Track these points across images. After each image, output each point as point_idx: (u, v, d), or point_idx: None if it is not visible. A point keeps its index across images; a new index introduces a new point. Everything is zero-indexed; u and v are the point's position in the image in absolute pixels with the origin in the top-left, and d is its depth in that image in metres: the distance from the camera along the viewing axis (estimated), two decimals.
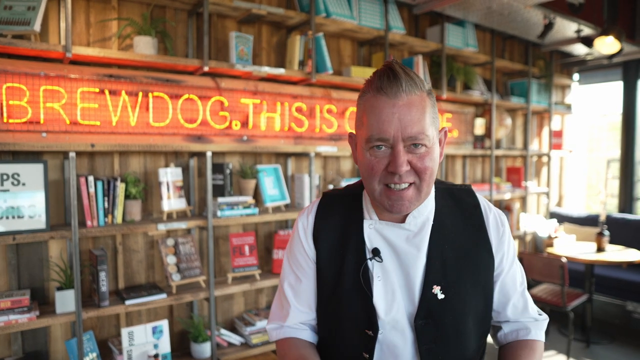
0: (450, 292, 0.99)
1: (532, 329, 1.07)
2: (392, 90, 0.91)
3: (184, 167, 2.70)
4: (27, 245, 2.26)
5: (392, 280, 1.00)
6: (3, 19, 2.01)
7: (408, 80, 0.92)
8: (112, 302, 2.31)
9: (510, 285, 1.08)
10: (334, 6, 2.97)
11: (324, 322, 1.09)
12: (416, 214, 1.02)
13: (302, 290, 1.09)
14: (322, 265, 1.05)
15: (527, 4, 3.23)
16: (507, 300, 1.07)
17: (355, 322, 1.01)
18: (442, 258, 1.01)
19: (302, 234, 1.09)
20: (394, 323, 0.99)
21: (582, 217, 4.94)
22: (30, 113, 2.14)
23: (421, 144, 0.93)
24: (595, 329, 4.20)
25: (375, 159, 0.93)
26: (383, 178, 0.94)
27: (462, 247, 1.03)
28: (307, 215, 1.10)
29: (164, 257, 2.53)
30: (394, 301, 0.99)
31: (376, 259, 1.01)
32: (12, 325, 2.01)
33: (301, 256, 1.09)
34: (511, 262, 1.08)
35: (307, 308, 1.09)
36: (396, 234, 1.02)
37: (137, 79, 2.42)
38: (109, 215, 2.34)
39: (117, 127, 2.38)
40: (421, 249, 1.00)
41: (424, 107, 0.93)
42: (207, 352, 2.59)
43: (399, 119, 0.90)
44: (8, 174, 2.08)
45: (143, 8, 2.52)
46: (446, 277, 1.00)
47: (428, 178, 0.95)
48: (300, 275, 1.09)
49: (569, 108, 5.13)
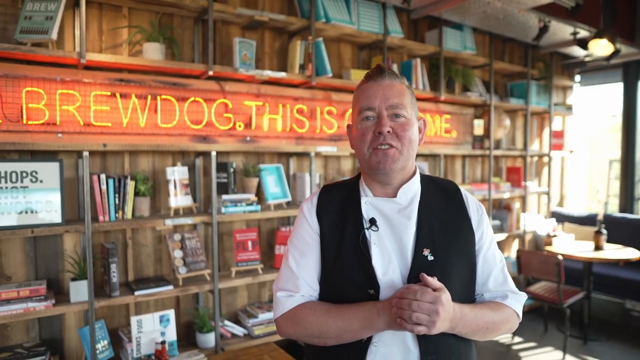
0: (438, 254, 1.12)
1: (509, 297, 1.19)
2: (378, 76, 1.17)
3: (190, 166, 2.85)
4: (43, 239, 2.42)
5: (387, 246, 1.13)
6: (23, 28, 2.17)
7: (390, 72, 1.19)
8: (122, 293, 2.46)
9: (491, 260, 1.21)
10: (334, 12, 3.11)
11: (328, 291, 1.17)
12: (406, 189, 1.18)
13: (305, 264, 1.18)
14: (326, 237, 1.18)
15: (520, 8, 3.33)
16: (489, 273, 1.20)
17: (357, 284, 1.12)
18: (430, 226, 1.15)
19: (307, 213, 1.22)
20: (390, 283, 1.11)
21: (582, 216, 5.01)
22: (48, 115, 2.30)
23: (401, 115, 1.14)
24: (594, 326, 4.27)
25: (366, 127, 1.15)
26: (371, 142, 1.14)
27: (447, 220, 1.18)
28: (310, 200, 1.25)
29: (171, 251, 2.67)
30: (389, 264, 1.12)
31: (373, 228, 1.15)
32: (30, 312, 2.17)
33: (306, 232, 1.20)
34: (490, 241, 1.22)
35: (311, 282, 1.19)
36: (389, 207, 1.17)
37: (146, 82, 2.57)
38: (119, 211, 2.49)
39: (128, 128, 2.53)
40: (411, 218, 1.15)
41: (403, 90, 1.17)
42: (211, 342, 2.73)
43: (382, 94, 1.15)
44: (27, 171, 2.24)
45: (152, 16, 2.68)
46: (434, 241, 1.13)
47: (407, 144, 1.14)
48: (305, 249, 1.19)
49: (570, 109, 5.21)
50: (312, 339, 1.13)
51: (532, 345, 3.91)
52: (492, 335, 1.15)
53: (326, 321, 1.10)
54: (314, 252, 1.19)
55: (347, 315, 1.08)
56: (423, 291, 1.00)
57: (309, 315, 1.12)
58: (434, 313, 0.98)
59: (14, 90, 2.21)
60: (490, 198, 4.24)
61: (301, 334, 1.14)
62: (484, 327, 1.11)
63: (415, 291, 1.00)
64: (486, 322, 1.12)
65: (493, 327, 1.13)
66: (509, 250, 4.83)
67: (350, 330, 1.08)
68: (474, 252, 1.19)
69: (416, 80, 3.63)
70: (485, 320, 1.12)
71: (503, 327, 1.17)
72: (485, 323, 1.12)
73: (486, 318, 1.12)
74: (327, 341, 1.12)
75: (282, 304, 1.16)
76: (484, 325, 1.11)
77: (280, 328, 1.18)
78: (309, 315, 1.12)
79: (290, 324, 1.15)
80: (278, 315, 1.17)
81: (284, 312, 1.15)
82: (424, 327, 0.98)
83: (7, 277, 2.33)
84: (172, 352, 2.49)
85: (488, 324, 1.12)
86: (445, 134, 4.01)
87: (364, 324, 1.07)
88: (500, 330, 1.16)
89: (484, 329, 1.12)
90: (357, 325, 1.07)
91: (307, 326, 1.12)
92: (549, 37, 4.21)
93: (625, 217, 4.78)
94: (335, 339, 1.11)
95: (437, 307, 0.98)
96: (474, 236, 1.19)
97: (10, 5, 2.29)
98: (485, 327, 1.12)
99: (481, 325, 1.11)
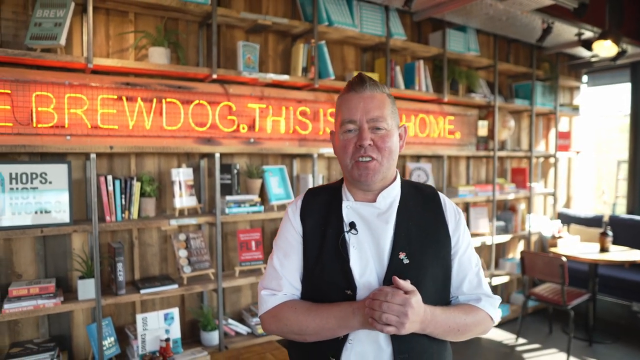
0: (413, 258, 1.17)
1: (483, 300, 1.23)
2: (359, 87, 1.20)
3: (195, 168, 2.91)
4: (52, 238, 2.50)
5: (365, 249, 1.19)
6: (33, 34, 2.25)
7: (371, 82, 1.21)
8: (129, 291, 2.53)
9: (467, 264, 1.25)
10: (336, 15, 3.15)
11: (309, 290, 1.23)
12: (385, 194, 1.23)
13: (289, 265, 1.24)
14: (308, 238, 1.24)
15: (523, 9, 3.34)
16: (463, 277, 1.24)
17: (336, 284, 1.18)
18: (407, 230, 1.20)
19: (292, 216, 1.28)
20: (367, 284, 1.16)
21: (589, 217, 4.99)
22: (56, 118, 2.38)
23: (381, 127, 1.18)
24: (599, 328, 4.25)
25: (347, 139, 1.19)
26: (353, 154, 1.19)
27: (424, 225, 1.23)
28: (295, 203, 1.31)
29: (176, 251, 2.74)
30: (367, 266, 1.17)
31: (352, 232, 1.20)
32: (40, 309, 2.24)
33: (290, 234, 1.26)
34: (467, 246, 1.26)
35: (294, 281, 1.25)
36: (369, 212, 1.22)
37: (152, 86, 2.64)
38: (125, 212, 2.56)
39: (134, 131, 2.60)
40: (389, 222, 1.20)
41: (383, 101, 1.20)
42: (215, 340, 2.79)
43: (363, 106, 1.18)
44: (37, 173, 2.32)
45: (157, 21, 2.74)
46: (410, 245, 1.18)
47: (387, 155, 1.19)
48: (289, 250, 1.25)
49: (577, 110, 5.18)
50: (293, 335, 1.20)
51: (536, 346, 3.91)
52: (464, 336, 1.20)
53: (305, 319, 1.16)
54: (297, 254, 1.25)
55: (324, 314, 1.14)
56: (394, 293, 1.04)
57: (290, 313, 1.18)
58: (403, 315, 1.02)
59: (25, 95, 2.29)
60: (494, 199, 4.25)
61: (283, 331, 1.20)
62: (455, 328, 1.15)
63: (386, 293, 1.05)
64: (457, 324, 1.16)
65: (465, 329, 1.17)
66: (514, 252, 4.83)
67: (328, 329, 1.14)
68: (450, 256, 1.23)
69: (419, 82, 3.65)
70: (457, 322, 1.16)
71: (475, 329, 1.20)
72: (457, 325, 1.16)
73: (457, 320, 1.16)
74: (307, 337, 1.18)
75: (265, 302, 1.22)
76: (455, 327, 1.15)
77: (264, 324, 1.24)
78: (290, 313, 1.18)
79: (273, 320, 1.21)
80: (262, 313, 1.23)
81: (268, 310, 1.22)
82: (393, 327, 1.03)
83: (18, 274, 2.41)
84: (177, 350, 2.55)
85: (459, 326, 1.16)
86: (448, 135, 4.03)
87: (340, 323, 1.12)
88: (472, 332, 1.20)
89: (454, 330, 1.16)
90: (333, 324, 1.13)
91: (287, 323, 1.18)
92: (553, 38, 4.21)
93: (632, 218, 4.75)
94: (313, 335, 1.16)
95: (406, 309, 1.02)
96: (450, 240, 1.24)
97: (22, 12, 2.37)
98: (456, 329, 1.16)
99: (452, 326, 1.15)
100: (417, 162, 3.96)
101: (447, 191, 4.03)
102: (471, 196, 4.08)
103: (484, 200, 4.25)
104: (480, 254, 4.47)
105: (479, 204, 4.36)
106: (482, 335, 1.25)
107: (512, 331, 4.16)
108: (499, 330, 4.24)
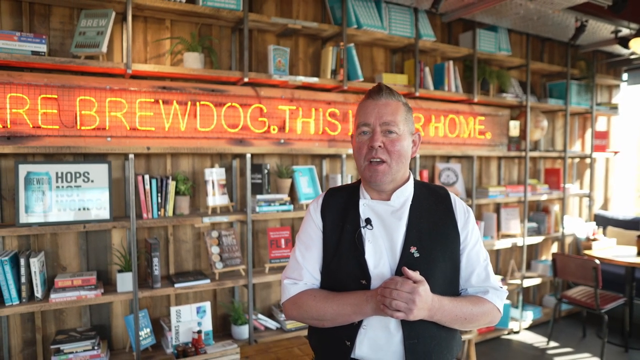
0: (424, 252, 1.26)
1: (490, 292, 1.31)
2: (376, 95, 1.31)
3: (227, 167, 3.02)
4: (94, 234, 2.66)
5: (380, 243, 1.29)
6: (78, 42, 2.40)
7: (388, 91, 1.32)
8: (164, 285, 2.66)
9: (475, 259, 1.33)
10: (365, 18, 3.19)
11: (328, 279, 1.34)
12: (399, 193, 1.32)
13: (310, 257, 1.35)
14: (328, 233, 1.35)
15: (554, 8, 3.28)
16: (472, 270, 1.33)
17: (352, 274, 1.28)
18: (419, 227, 1.29)
19: (313, 212, 1.39)
20: (380, 275, 1.26)
21: (627, 220, 4.83)
22: (98, 121, 2.52)
23: (393, 131, 1.27)
24: (636, 334, 4.12)
25: (362, 141, 1.30)
26: (366, 155, 1.29)
27: (435, 222, 1.32)
28: (317, 201, 1.43)
29: (209, 247, 2.85)
30: (380, 259, 1.27)
31: (368, 227, 1.30)
32: (82, 299, 2.39)
33: (311, 229, 1.37)
34: (475, 242, 1.34)
35: (314, 272, 1.36)
36: (384, 209, 1.32)
37: (187, 89, 2.76)
38: (161, 209, 2.69)
39: (169, 132, 2.72)
40: (402, 219, 1.30)
41: (397, 108, 1.30)
42: (245, 333, 2.89)
43: (378, 112, 1.29)
44: (80, 172, 2.48)
45: (192, 27, 2.86)
46: (421, 241, 1.28)
47: (396, 158, 1.28)
48: (310, 243, 1.36)
49: (615, 109, 5.02)
50: (312, 320, 1.30)
51: (568, 350, 3.83)
52: (471, 325, 1.28)
53: (324, 306, 1.26)
54: (317, 247, 1.35)
55: (341, 301, 1.24)
56: (403, 282, 1.13)
57: (310, 300, 1.29)
58: (411, 302, 1.11)
59: (70, 99, 2.45)
60: (525, 200, 4.18)
61: (303, 316, 1.31)
62: (462, 317, 1.23)
63: (396, 282, 1.14)
64: (464, 313, 1.24)
65: (471, 318, 1.25)
66: (547, 253, 4.73)
67: (343, 315, 1.24)
68: (459, 251, 1.32)
69: (449, 82, 3.65)
70: (464, 312, 1.24)
71: (482, 319, 1.28)
72: (463, 314, 1.24)
73: (464, 310, 1.24)
74: (325, 323, 1.28)
75: (287, 290, 1.34)
76: (462, 315, 1.23)
77: (286, 311, 1.35)
78: (310, 300, 1.29)
79: (294, 307, 1.32)
80: (284, 300, 1.34)
81: (289, 297, 1.33)
82: (402, 313, 1.12)
83: (62, 267, 2.57)
84: (208, 342, 2.66)
85: (466, 315, 1.24)
86: (479, 136, 4.00)
87: (355, 310, 1.22)
88: (479, 322, 1.28)
89: (461, 319, 1.24)
90: (349, 310, 1.23)
91: (307, 309, 1.29)
92: (588, 36, 4.10)
93: None
94: (330, 321, 1.27)
95: (414, 297, 1.11)
96: (459, 237, 1.32)
97: (68, 22, 2.53)
98: (463, 318, 1.24)
99: (459, 315, 1.23)
100: (446, 163, 3.95)
101: (476, 192, 4.00)
102: (502, 197, 4.04)
103: (515, 201, 4.20)
104: (511, 255, 4.42)
105: (510, 204, 4.30)
106: (489, 325, 1.34)
107: (544, 334, 4.10)
108: (529, 332, 4.18)
